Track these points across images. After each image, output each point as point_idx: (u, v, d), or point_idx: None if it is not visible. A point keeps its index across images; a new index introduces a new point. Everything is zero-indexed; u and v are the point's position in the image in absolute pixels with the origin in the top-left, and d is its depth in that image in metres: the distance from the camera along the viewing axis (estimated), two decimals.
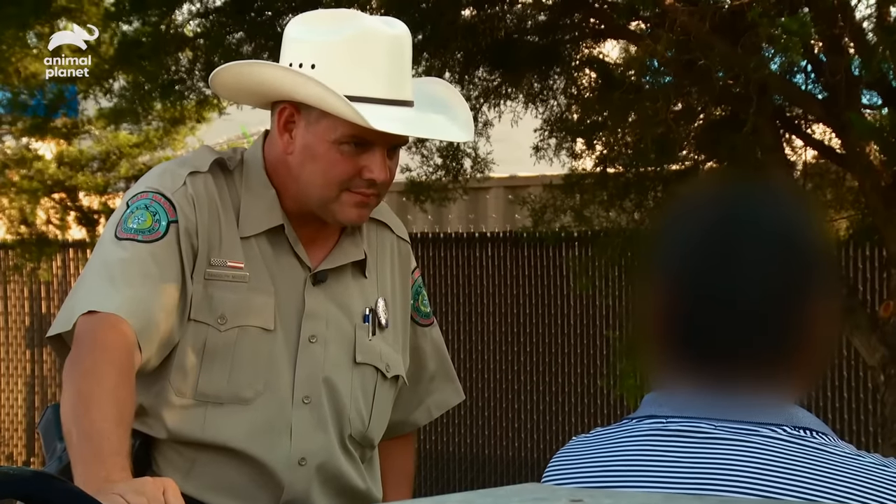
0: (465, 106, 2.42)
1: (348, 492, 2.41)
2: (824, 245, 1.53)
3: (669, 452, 1.49)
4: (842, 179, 6.66)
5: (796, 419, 1.48)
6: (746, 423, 1.47)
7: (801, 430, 1.48)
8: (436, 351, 2.61)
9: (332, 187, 2.29)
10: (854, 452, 1.48)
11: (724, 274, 1.47)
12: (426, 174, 6.84)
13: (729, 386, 1.49)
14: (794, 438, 1.47)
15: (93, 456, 2.01)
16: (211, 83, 2.41)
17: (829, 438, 1.49)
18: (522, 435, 8.77)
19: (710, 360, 1.49)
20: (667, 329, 1.51)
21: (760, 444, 1.46)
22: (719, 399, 1.49)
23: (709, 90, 5.78)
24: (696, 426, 1.49)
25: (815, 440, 1.47)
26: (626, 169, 6.51)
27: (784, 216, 1.51)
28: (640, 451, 1.51)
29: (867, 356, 6.04)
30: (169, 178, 2.32)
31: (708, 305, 1.48)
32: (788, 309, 1.48)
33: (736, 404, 1.48)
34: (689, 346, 1.50)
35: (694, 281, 1.49)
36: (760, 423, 1.47)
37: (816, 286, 1.50)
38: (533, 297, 8.72)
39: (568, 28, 6.53)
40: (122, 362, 2.12)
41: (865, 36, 5.59)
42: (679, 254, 1.51)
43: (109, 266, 2.22)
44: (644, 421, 1.53)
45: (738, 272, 1.47)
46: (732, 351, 1.48)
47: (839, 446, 1.48)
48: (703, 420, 1.49)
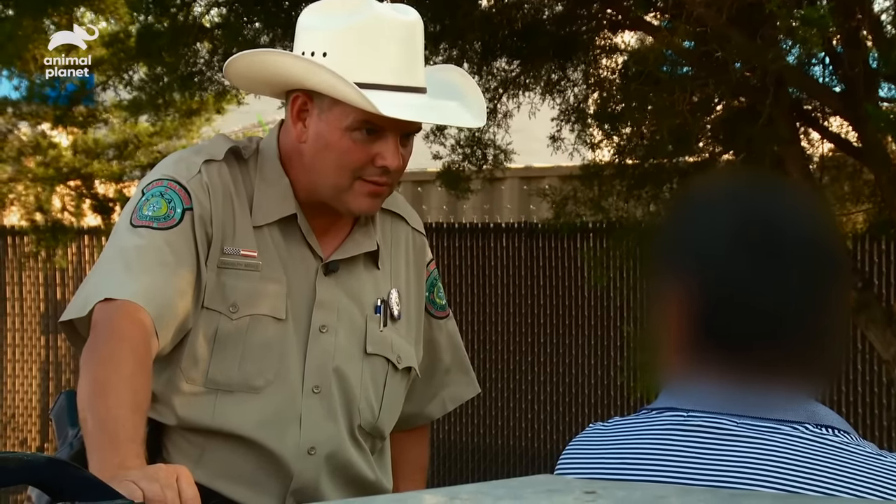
0: (478, 92, 2.41)
1: (357, 482, 2.41)
2: (843, 247, 1.54)
3: (689, 447, 1.48)
4: (859, 172, 6.64)
5: (819, 417, 1.48)
6: (768, 420, 1.47)
7: (823, 427, 1.47)
8: (451, 343, 2.61)
9: (345, 175, 2.29)
10: (876, 452, 1.48)
11: (751, 277, 1.47)
12: (454, 163, 6.84)
13: (749, 382, 1.48)
14: (816, 436, 1.46)
15: (108, 442, 2.01)
16: (225, 73, 2.41)
17: (852, 437, 1.49)
18: (536, 426, 8.77)
19: (733, 357, 1.49)
20: (688, 324, 1.51)
21: (781, 441, 1.45)
22: (739, 394, 1.48)
23: (725, 82, 5.77)
24: (718, 422, 1.48)
25: (836, 438, 1.47)
26: (643, 160, 6.50)
27: (808, 218, 1.52)
28: (660, 443, 1.51)
29: (882, 350, 6.02)
30: (184, 166, 2.33)
31: (734, 306, 1.48)
32: (810, 310, 1.48)
33: (756, 400, 1.48)
34: (711, 342, 1.50)
35: (719, 281, 1.49)
36: (782, 421, 1.47)
37: (836, 287, 1.52)
38: (547, 288, 8.71)
39: (585, 19, 6.51)
40: (139, 350, 2.12)
41: (883, 28, 5.57)
42: (702, 253, 1.51)
43: (125, 253, 2.23)
44: (664, 413, 1.53)
45: (765, 275, 1.47)
46: (754, 348, 1.48)
47: (861, 445, 1.48)
48: (725, 416, 1.48)
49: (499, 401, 8.87)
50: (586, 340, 8.61)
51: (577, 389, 8.66)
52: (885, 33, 5.53)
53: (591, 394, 8.63)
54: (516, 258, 8.84)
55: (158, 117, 8.01)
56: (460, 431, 9.04)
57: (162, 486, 1.91)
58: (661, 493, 1.28)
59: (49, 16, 7.19)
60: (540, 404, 8.76)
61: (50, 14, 7.12)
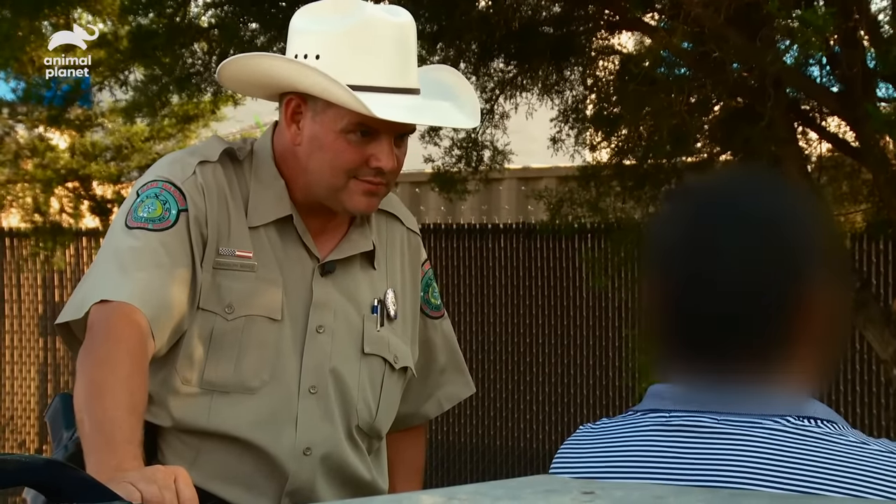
0: (471, 92, 2.42)
1: (353, 482, 2.41)
2: (819, 230, 1.51)
3: (673, 447, 1.48)
4: (857, 172, 6.64)
5: (801, 409, 1.47)
6: (748, 415, 1.46)
7: (805, 419, 1.46)
8: (446, 343, 2.61)
9: (340, 176, 2.29)
10: (859, 440, 1.46)
11: (705, 259, 1.46)
12: (448, 165, 6.83)
13: (726, 377, 1.48)
14: (798, 429, 1.45)
15: (105, 444, 2.01)
16: (218, 76, 2.42)
17: (837, 427, 1.47)
18: (534, 426, 8.77)
19: (700, 350, 1.48)
20: (662, 320, 1.51)
21: (763, 436, 1.45)
22: (718, 391, 1.48)
23: (723, 82, 5.77)
24: (698, 420, 1.48)
25: (819, 429, 1.45)
26: (641, 161, 6.50)
27: (768, 201, 1.49)
28: (644, 445, 1.51)
29: (880, 350, 6.02)
30: (179, 167, 2.33)
31: (692, 292, 1.47)
32: (774, 293, 1.46)
33: (736, 396, 1.47)
34: (680, 336, 1.50)
35: (679, 269, 1.49)
36: (763, 416, 1.46)
37: (809, 272, 1.48)
38: (545, 289, 8.71)
39: (582, 20, 6.51)
40: (136, 351, 2.12)
41: (880, 28, 5.57)
42: (667, 245, 1.51)
43: (120, 255, 2.23)
44: (648, 414, 1.53)
45: (719, 257, 1.46)
46: (721, 339, 1.47)
47: (844, 435, 1.46)
48: (705, 414, 1.48)
49: (497, 401, 8.88)
50: (584, 341, 8.61)
51: (575, 390, 8.66)
52: (883, 33, 5.53)
53: (590, 394, 8.63)
54: (514, 259, 8.84)
55: (156, 120, 8.00)
56: (459, 432, 9.04)
57: (160, 487, 1.90)
58: (660, 493, 1.28)
59: (46, 16, 7.18)
60: (538, 405, 8.76)
61: (47, 15, 7.12)
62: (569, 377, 8.67)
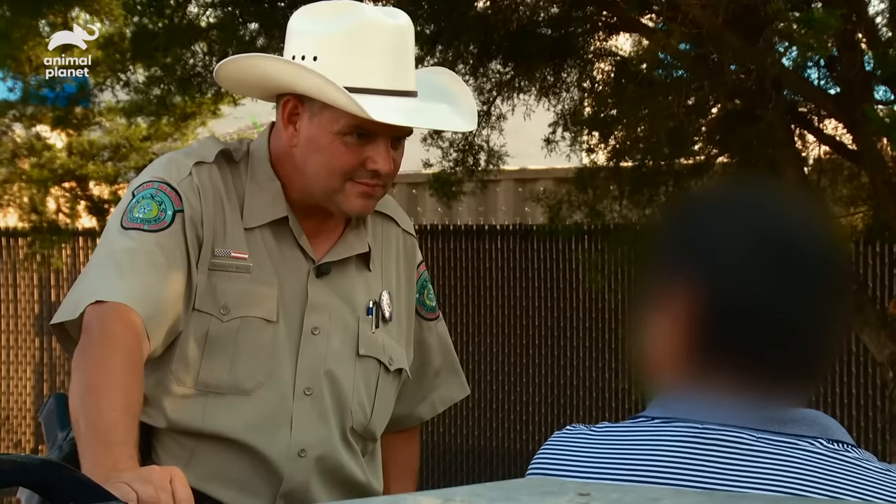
0: (469, 95, 2.41)
1: (348, 484, 2.41)
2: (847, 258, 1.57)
3: (709, 461, 1.47)
4: (856, 175, 6.64)
5: (829, 431, 1.49)
6: (784, 434, 1.47)
7: (834, 442, 1.48)
8: (441, 345, 2.61)
9: (336, 178, 2.28)
10: (883, 467, 1.49)
11: (767, 289, 1.47)
12: (446, 168, 6.83)
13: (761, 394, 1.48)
14: (832, 452, 1.47)
15: (100, 445, 2.01)
16: (216, 77, 2.41)
17: (858, 452, 1.50)
18: (531, 428, 8.77)
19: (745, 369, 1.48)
20: (695, 332, 1.50)
21: (801, 457, 1.46)
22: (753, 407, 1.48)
23: (721, 85, 5.77)
24: (737, 436, 1.48)
25: (849, 454, 1.48)
26: (639, 163, 6.50)
27: (821, 233, 1.53)
28: (672, 455, 1.48)
29: (876, 353, 6.03)
30: (174, 168, 2.32)
31: (748, 317, 1.48)
32: (821, 322, 1.50)
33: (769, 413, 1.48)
34: (722, 352, 1.49)
35: (735, 291, 1.48)
36: (798, 436, 1.47)
37: (843, 299, 1.54)
38: (542, 291, 8.71)
39: (580, 21, 6.51)
40: (131, 352, 2.12)
41: (878, 31, 5.57)
42: (717, 261, 1.50)
43: (116, 255, 2.22)
44: (672, 423, 1.51)
45: (781, 288, 1.47)
46: (767, 361, 1.48)
47: (869, 460, 1.50)
48: (744, 430, 1.48)
49: (493, 403, 8.87)
50: (581, 343, 8.61)
51: (571, 391, 8.66)
52: (880, 36, 5.53)
53: (586, 396, 8.63)
54: (511, 260, 8.84)
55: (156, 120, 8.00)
56: (455, 434, 9.04)
57: (156, 487, 1.90)
58: (655, 495, 1.27)
59: (44, 16, 7.18)
60: (534, 406, 8.76)
61: (45, 14, 7.11)
62: (565, 379, 8.67)
